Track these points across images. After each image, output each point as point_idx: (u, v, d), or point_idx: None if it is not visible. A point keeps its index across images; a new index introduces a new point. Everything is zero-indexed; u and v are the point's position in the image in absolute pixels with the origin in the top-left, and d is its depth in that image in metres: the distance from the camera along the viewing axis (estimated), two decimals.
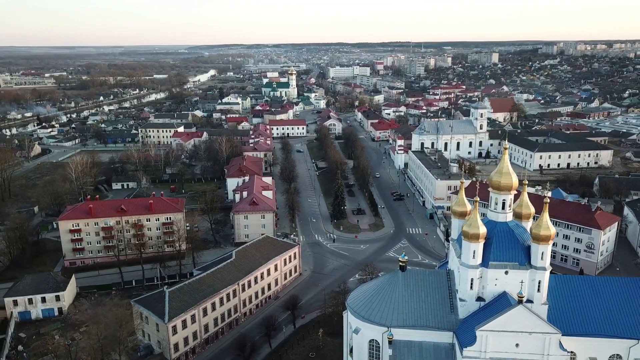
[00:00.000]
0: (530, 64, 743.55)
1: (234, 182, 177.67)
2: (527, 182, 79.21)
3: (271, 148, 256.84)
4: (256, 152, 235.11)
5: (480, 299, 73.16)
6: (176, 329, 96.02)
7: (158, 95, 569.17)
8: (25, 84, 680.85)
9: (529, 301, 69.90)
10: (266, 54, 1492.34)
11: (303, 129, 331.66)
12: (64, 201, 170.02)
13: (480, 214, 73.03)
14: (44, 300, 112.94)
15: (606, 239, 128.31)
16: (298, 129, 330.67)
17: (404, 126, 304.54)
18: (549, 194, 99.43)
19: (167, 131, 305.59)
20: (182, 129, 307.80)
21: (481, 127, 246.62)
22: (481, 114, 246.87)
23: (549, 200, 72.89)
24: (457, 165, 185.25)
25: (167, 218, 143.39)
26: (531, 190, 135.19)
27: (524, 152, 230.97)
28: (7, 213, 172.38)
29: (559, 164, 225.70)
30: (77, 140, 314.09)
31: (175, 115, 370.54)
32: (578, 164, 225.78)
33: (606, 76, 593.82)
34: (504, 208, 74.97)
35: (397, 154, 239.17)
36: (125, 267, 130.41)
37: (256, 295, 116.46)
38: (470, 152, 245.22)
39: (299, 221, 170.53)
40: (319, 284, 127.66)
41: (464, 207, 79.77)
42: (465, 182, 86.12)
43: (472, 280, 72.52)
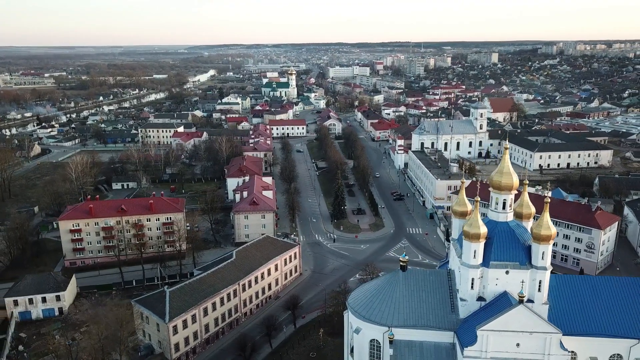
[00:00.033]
0: (530, 64, 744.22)
1: (234, 182, 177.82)
2: (528, 182, 79.42)
3: (271, 148, 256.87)
4: (256, 152, 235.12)
5: (481, 298, 73.24)
6: (177, 328, 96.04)
7: (158, 95, 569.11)
8: (24, 84, 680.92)
9: (530, 301, 69.96)
10: (266, 54, 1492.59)
11: (303, 129, 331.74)
12: (64, 201, 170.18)
13: (481, 213, 73.12)
14: (44, 300, 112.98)
15: (606, 238, 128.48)
16: (298, 129, 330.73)
17: (403, 126, 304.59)
18: (549, 193, 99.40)
19: (167, 131, 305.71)
20: (182, 129, 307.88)
21: (481, 127, 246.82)
22: (481, 113, 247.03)
23: (549, 200, 73.05)
24: (457, 165, 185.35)
25: (168, 218, 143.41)
26: (531, 190, 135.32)
27: (523, 152, 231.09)
28: (7, 213, 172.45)
29: (558, 164, 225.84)
30: (77, 140, 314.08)
31: (175, 115, 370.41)
32: (578, 163, 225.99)
33: (606, 76, 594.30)
34: (504, 208, 75.07)
35: (397, 153, 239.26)
36: (125, 267, 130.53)
37: (257, 295, 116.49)
38: (470, 152, 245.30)
39: (299, 221, 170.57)
40: (319, 283, 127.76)
41: (464, 207, 79.80)
42: (465, 182, 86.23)
43: (472, 280, 72.60)
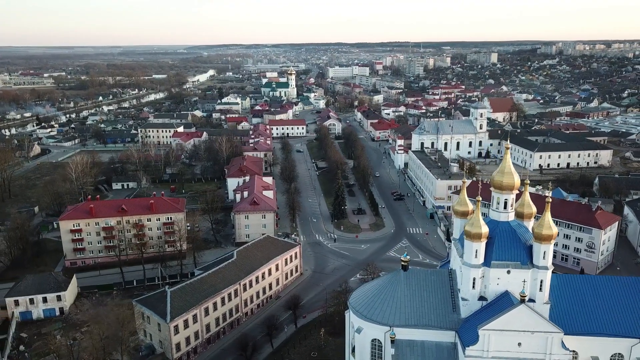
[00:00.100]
0: (529, 64, 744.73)
1: (235, 182, 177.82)
2: (529, 182, 79.50)
3: (271, 148, 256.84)
4: (256, 152, 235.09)
5: (482, 298, 73.37)
6: (178, 328, 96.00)
7: (157, 96, 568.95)
8: (24, 84, 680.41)
9: (531, 300, 70.08)
10: (265, 54, 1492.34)
11: (303, 129, 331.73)
12: (64, 201, 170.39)
13: (482, 213, 73.23)
14: (45, 300, 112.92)
15: (607, 238, 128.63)
16: (298, 129, 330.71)
17: (403, 126, 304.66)
18: (549, 193, 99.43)
19: (166, 131, 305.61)
20: (181, 129, 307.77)
21: (481, 127, 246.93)
22: (481, 113, 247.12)
23: (551, 200, 73.18)
24: (457, 165, 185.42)
25: (168, 218, 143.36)
26: (531, 190, 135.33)
27: (523, 152, 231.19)
28: (7, 213, 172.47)
29: (558, 164, 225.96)
30: (77, 141, 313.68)
31: (174, 115, 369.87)
32: (578, 163, 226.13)
33: (605, 76, 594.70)
34: (505, 207, 75.25)
35: (397, 153, 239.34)
36: (126, 267, 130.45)
37: (257, 294, 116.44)
38: (470, 152, 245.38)
39: (300, 221, 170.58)
40: (320, 283, 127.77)
41: (465, 207, 79.90)
42: (466, 181, 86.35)
43: (474, 280, 72.75)
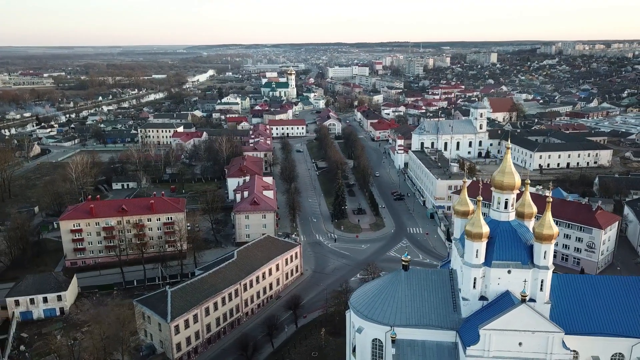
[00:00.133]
0: (529, 63, 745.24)
1: (235, 182, 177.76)
2: (529, 182, 79.58)
3: (271, 148, 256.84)
4: (256, 152, 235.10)
5: (483, 298, 73.41)
6: (178, 328, 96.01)
7: (157, 96, 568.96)
8: (23, 84, 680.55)
9: (532, 300, 70.11)
10: (265, 54, 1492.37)
11: (302, 128, 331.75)
12: (64, 201, 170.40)
13: (482, 213, 73.24)
14: (45, 300, 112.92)
15: (607, 238, 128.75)
16: (297, 128, 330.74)
17: (403, 126, 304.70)
18: (550, 193, 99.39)
19: (166, 131, 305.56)
20: (181, 129, 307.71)
21: (481, 127, 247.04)
22: (481, 113, 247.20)
23: (551, 200, 73.27)
24: (457, 165, 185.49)
25: (168, 218, 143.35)
26: (531, 190, 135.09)
27: (523, 151, 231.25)
28: (7, 213, 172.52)
29: (558, 164, 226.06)
30: (77, 141, 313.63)
31: (174, 115, 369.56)
32: (578, 163, 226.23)
33: (605, 76, 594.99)
34: (506, 207, 75.32)
35: (397, 153, 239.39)
36: (126, 267, 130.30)
37: (258, 294, 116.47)
38: (470, 152, 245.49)
39: (300, 221, 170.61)
40: (320, 283, 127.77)
41: (466, 207, 79.91)
42: (467, 181, 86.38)
43: (475, 280, 72.79)
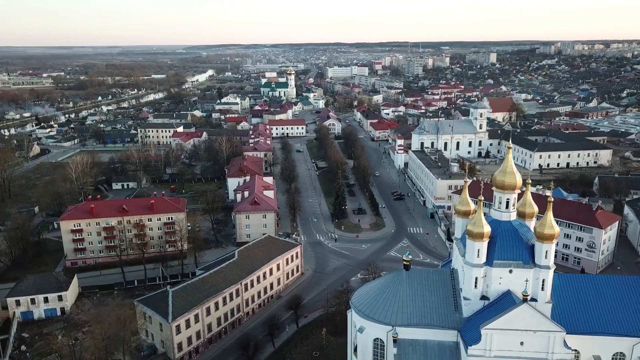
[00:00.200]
0: (528, 63, 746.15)
1: (235, 182, 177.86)
2: (530, 182, 79.73)
3: (271, 148, 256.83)
4: (256, 152, 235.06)
5: (484, 297, 73.53)
6: (180, 328, 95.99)
7: (156, 96, 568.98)
8: (23, 84, 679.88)
9: (533, 300, 70.17)
10: (264, 54, 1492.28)
11: (302, 128, 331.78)
12: (64, 201, 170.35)
13: (483, 213, 73.32)
14: (46, 300, 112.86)
15: (607, 238, 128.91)
16: (297, 128, 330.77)
17: (403, 126, 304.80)
18: (550, 193, 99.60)
19: (166, 131, 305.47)
20: (181, 129, 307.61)
21: (481, 127, 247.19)
22: (481, 113, 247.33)
23: (552, 200, 73.43)
24: (457, 165, 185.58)
25: (169, 218, 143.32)
26: (532, 190, 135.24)
27: (523, 151, 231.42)
28: (7, 213, 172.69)
29: (558, 164, 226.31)
30: (76, 141, 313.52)
31: (174, 115, 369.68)
32: (577, 163, 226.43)
33: (604, 76, 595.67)
34: (507, 207, 75.42)
35: (397, 153, 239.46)
36: (127, 267, 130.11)
37: (259, 294, 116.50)
38: (469, 152, 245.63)
39: (300, 221, 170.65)
40: (321, 283, 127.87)
41: (467, 207, 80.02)
42: (468, 181, 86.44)
43: (476, 279, 72.91)
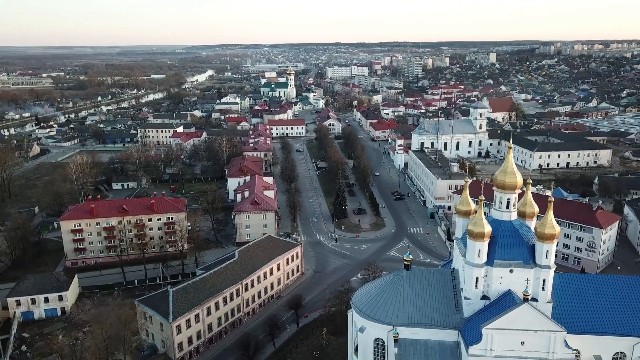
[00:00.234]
0: (528, 63, 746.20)
1: (235, 182, 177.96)
2: (531, 182, 79.86)
3: (271, 148, 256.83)
4: (256, 152, 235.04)
5: (485, 297, 73.59)
6: (180, 328, 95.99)
7: (156, 96, 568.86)
8: (22, 84, 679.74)
9: (534, 299, 70.27)
10: (264, 54, 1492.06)
11: (302, 128, 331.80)
12: (64, 201, 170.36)
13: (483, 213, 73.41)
14: (46, 300, 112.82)
15: (607, 237, 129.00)
16: (297, 128, 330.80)
17: (403, 126, 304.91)
18: (551, 193, 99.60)
19: (166, 131, 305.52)
20: (181, 129, 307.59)
21: (481, 127, 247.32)
22: (480, 113, 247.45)
23: (553, 199, 73.52)
24: (457, 164, 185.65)
25: (169, 218, 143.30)
26: (532, 189, 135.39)
27: (523, 151, 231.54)
28: (7, 213, 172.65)
29: (558, 164, 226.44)
30: (76, 141, 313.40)
31: (174, 115, 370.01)
32: (577, 163, 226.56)
33: (603, 76, 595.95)
34: (508, 207, 75.50)
35: (397, 153, 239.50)
36: (127, 267, 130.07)
37: (259, 294, 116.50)
38: (469, 152, 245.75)
39: (300, 221, 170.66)
40: (321, 283, 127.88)
41: (468, 206, 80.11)
42: (469, 180, 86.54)
43: (477, 279, 72.97)
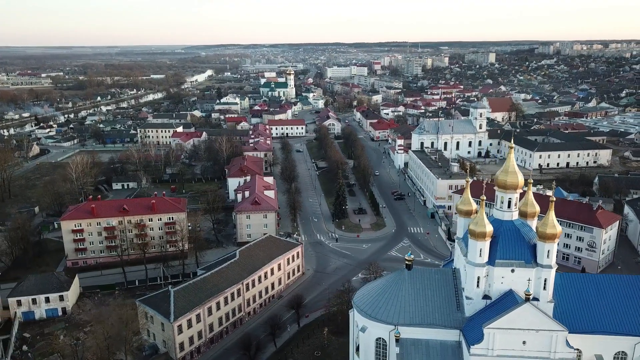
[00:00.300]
0: (527, 63, 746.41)
1: (235, 182, 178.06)
2: (532, 181, 79.99)
3: (271, 148, 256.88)
4: (256, 152, 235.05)
5: (486, 297, 73.59)
6: (181, 328, 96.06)
7: (156, 96, 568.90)
8: (22, 84, 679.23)
9: (535, 299, 70.35)
10: (263, 54, 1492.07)
11: (302, 128, 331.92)
12: (64, 201, 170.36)
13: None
14: (47, 300, 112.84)
15: (607, 237, 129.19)
16: (297, 128, 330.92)
17: (403, 126, 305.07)
18: (552, 193, 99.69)
19: (166, 131, 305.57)
20: (181, 129, 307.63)
21: (480, 127, 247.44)
22: (480, 113, 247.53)
23: (554, 199, 73.63)
24: (458, 164, 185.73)
25: (170, 218, 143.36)
26: (532, 189, 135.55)
27: (523, 151, 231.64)
28: (7, 213, 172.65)
29: (558, 164, 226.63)
30: (76, 141, 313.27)
31: (173, 115, 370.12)
32: (577, 163, 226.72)
33: (603, 76, 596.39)
34: (509, 207, 75.58)
35: (397, 153, 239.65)
36: (128, 267, 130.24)
37: (260, 294, 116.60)
38: (469, 152, 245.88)
39: (301, 221, 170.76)
40: (322, 283, 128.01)
41: (469, 206, 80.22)
42: (470, 180, 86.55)
43: (478, 279, 72.98)
